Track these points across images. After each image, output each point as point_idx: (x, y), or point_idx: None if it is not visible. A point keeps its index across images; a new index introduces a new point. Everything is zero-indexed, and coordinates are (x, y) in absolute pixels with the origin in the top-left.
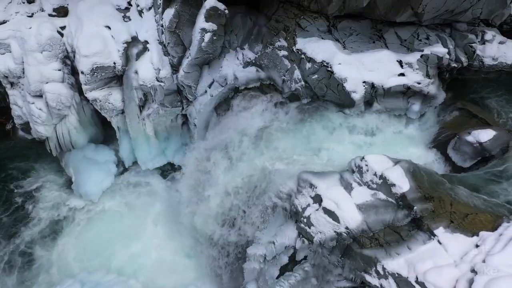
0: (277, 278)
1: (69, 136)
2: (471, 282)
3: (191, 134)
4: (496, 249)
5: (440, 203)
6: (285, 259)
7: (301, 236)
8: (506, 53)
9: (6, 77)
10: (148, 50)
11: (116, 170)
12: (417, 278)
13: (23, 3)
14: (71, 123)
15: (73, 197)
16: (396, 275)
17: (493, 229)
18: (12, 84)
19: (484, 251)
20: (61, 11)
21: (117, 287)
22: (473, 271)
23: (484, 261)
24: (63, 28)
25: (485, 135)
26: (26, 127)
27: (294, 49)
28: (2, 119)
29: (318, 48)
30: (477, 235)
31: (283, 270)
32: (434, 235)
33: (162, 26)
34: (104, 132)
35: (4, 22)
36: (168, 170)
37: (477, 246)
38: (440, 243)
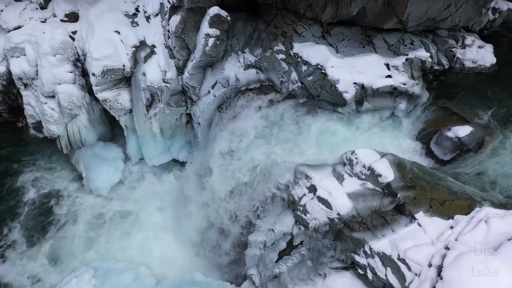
0: (276, 262)
1: (79, 134)
2: (444, 256)
3: (194, 132)
4: (467, 229)
5: (421, 191)
6: (283, 245)
7: (297, 223)
8: (484, 56)
9: (21, 78)
10: (155, 53)
11: (123, 166)
12: (399, 255)
13: (36, 9)
14: (81, 122)
15: (83, 191)
16: (381, 254)
17: (467, 213)
18: (26, 85)
19: (457, 231)
20: (72, 17)
21: (127, 272)
22: (447, 248)
23: (456, 240)
24: (74, 32)
25: (463, 131)
26: (38, 126)
27: (291, 53)
28: (14, 118)
29: (313, 52)
30: (452, 218)
31: (282, 254)
32: (415, 219)
33: (168, 31)
34: (111, 130)
35: (19, 27)
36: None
37: (451, 227)
38: (419, 225)
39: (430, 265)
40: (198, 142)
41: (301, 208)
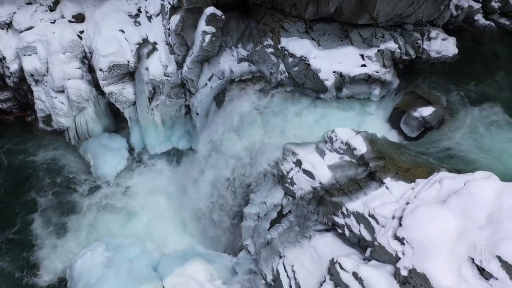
0: (268, 230)
1: (86, 126)
2: (404, 209)
3: (193, 123)
4: (424, 188)
5: (389, 161)
6: (274, 215)
7: (286, 195)
8: (447, 47)
9: (32, 75)
10: (157, 50)
11: (128, 155)
12: (369, 212)
13: (46, 11)
14: (88, 114)
15: (91, 178)
16: (356, 213)
17: (427, 177)
18: (36, 81)
19: (417, 191)
20: (79, 18)
21: (135, 246)
22: (407, 203)
23: (415, 197)
24: (81, 32)
25: (426, 111)
26: (47, 119)
27: (279, 47)
28: (23, 113)
29: (298, 45)
30: (414, 182)
31: (273, 223)
32: (383, 183)
33: (169, 29)
34: (115, 122)
35: (30, 28)
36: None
37: (413, 188)
38: (387, 188)
39: (393, 217)
40: (197, 131)
41: (289, 180)
